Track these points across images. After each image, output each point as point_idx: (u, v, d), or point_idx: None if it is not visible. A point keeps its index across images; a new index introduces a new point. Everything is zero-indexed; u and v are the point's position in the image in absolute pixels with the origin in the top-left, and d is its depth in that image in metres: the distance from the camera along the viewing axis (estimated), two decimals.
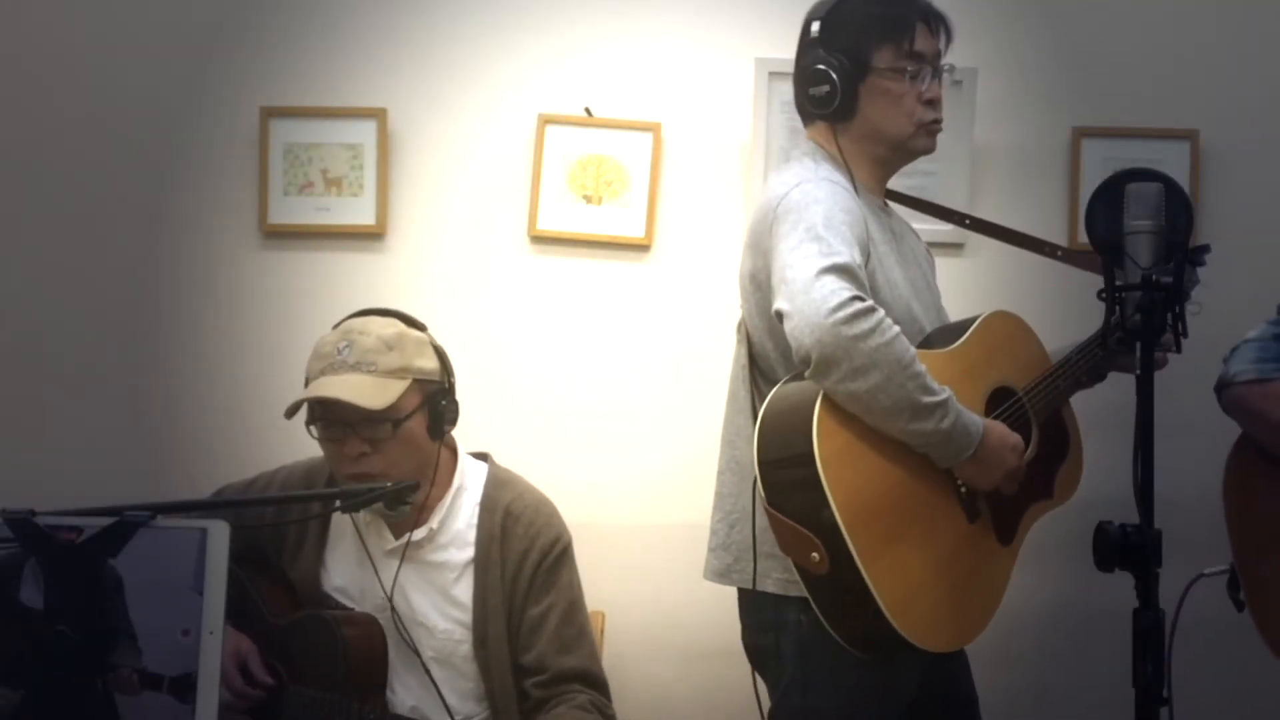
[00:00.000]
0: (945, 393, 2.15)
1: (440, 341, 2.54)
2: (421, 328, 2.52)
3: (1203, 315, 2.52)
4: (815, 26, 2.36)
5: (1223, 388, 2.53)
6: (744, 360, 2.38)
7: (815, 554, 2.11)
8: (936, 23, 2.39)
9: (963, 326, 2.39)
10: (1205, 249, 2.56)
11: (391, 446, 2.41)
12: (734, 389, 2.42)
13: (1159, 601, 1.96)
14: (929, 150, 2.42)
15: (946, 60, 2.41)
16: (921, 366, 2.12)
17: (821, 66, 2.33)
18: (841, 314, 2.07)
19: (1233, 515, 2.51)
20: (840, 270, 2.11)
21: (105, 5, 3.13)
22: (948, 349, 2.32)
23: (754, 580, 2.31)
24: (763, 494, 2.18)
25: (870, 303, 2.10)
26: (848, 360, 2.07)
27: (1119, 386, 2.49)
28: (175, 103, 3.11)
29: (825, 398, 2.13)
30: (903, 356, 2.10)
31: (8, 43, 3.13)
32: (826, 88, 2.33)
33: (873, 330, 2.08)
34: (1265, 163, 3.07)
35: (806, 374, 2.13)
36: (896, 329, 2.11)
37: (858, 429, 2.15)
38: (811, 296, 2.09)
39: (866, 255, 2.24)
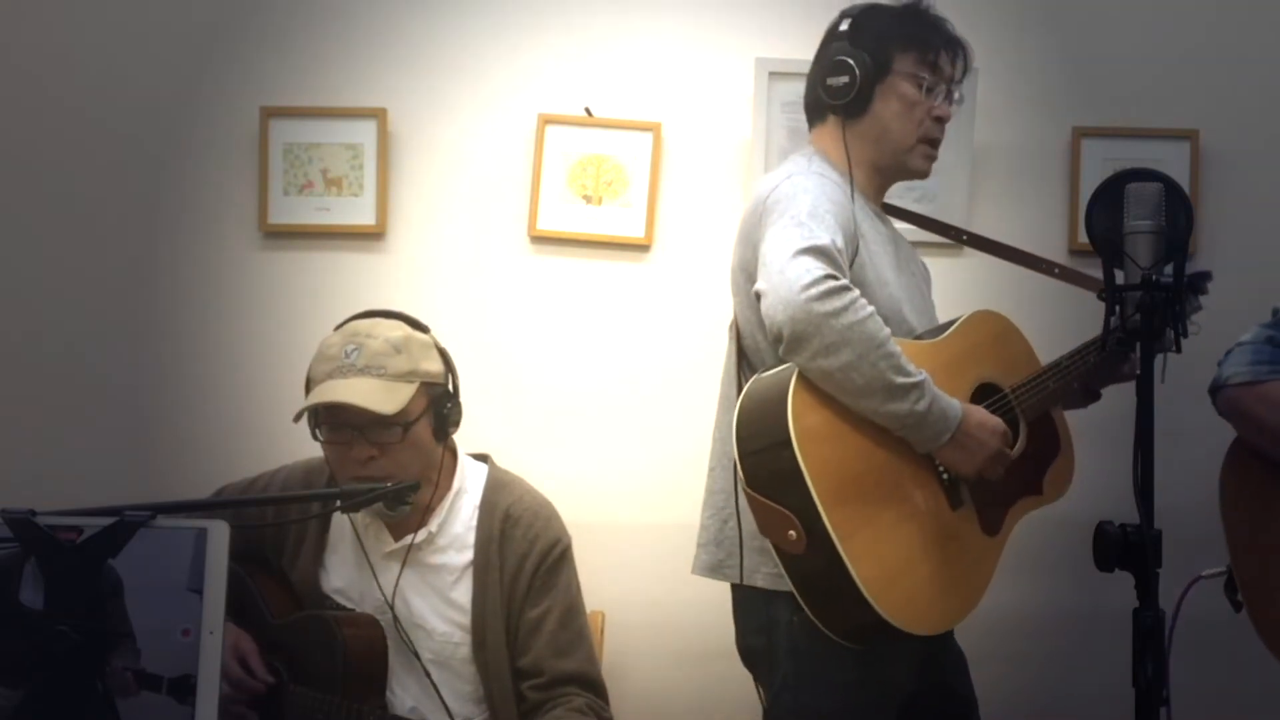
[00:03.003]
0: (921, 375, 2.15)
1: (440, 342, 2.54)
2: (425, 329, 2.52)
3: (1202, 315, 2.53)
4: (845, 24, 2.41)
5: (1216, 390, 2.53)
6: (734, 356, 2.39)
7: (792, 531, 2.11)
8: (957, 51, 2.44)
9: (948, 324, 2.40)
10: (1207, 276, 2.56)
11: (399, 450, 2.41)
12: (725, 388, 2.42)
13: (1159, 602, 1.96)
14: (923, 173, 2.46)
15: (959, 90, 2.45)
16: (896, 347, 2.13)
17: (843, 58, 2.37)
18: (814, 290, 2.08)
19: (1229, 517, 2.51)
20: (817, 251, 2.13)
21: (105, 5, 3.14)
22: (930, 341, 2.33)
23: (741, 574, 2.32)
24: (742, 477, 2.18)
25: (845, 282, 2.12)
26: (819, 336, 2.09)
27: (1118, 388, 2.49)
28: (175, 103, 3.12)
29: (800, 377, 2.15)
30: (875, 335, 2.11)
31: (7, 43, 3.13)
32: (845, 78, 2.36)
33: (845, 308, 2.09)
34: (1265, 163, 3.07)
35: (780, 351, 2.15)
36: (870, 309, 2.12)
37: (835, 409, 2.16)
38: (786, 275, 2.11)
39: (854, 249, 2.25)
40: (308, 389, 2.46)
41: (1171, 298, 2.00)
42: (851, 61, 2.35)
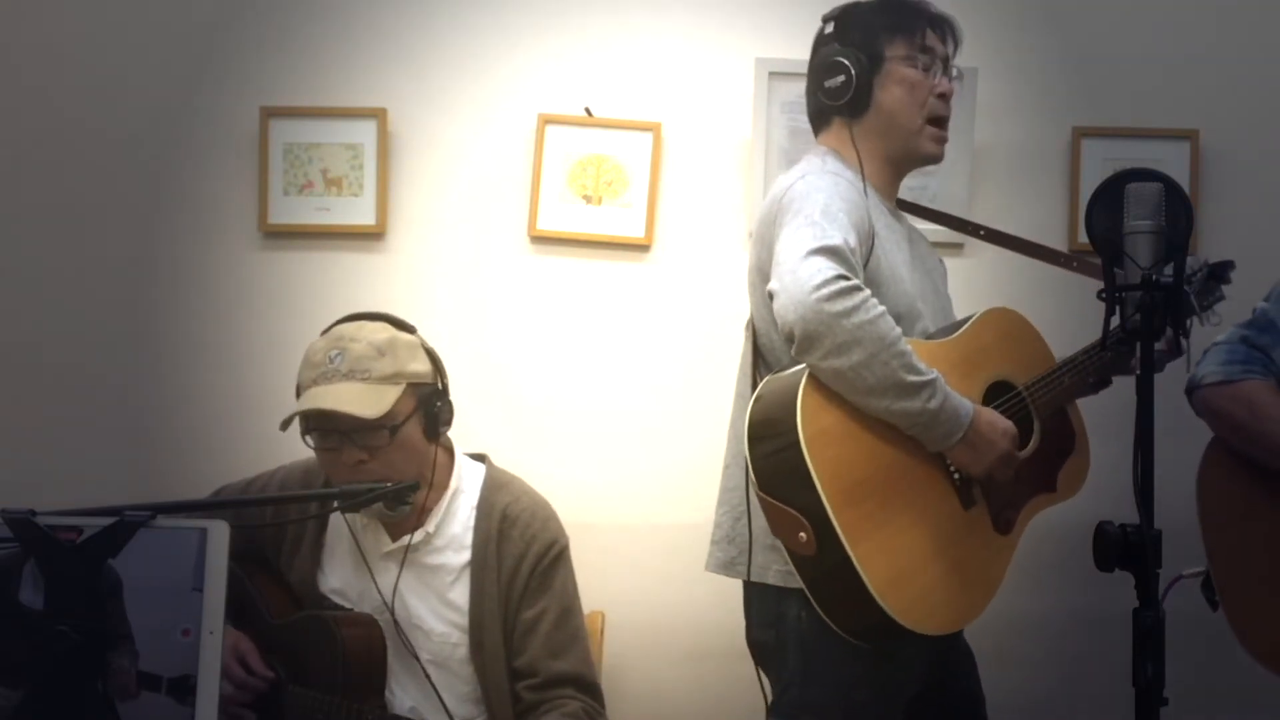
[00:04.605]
0: (932, 373, 2.15)
1: (439, 342, 2.54)
2: (411, 330, 2.51)
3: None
4: (829, 26, 2.43)
5: (1191, 390, 2.56)
6: (749, 354, 2.39)
7: (803, 534, 2.11)
8: (944, 27, 2.45)
9: (960, 322, 2.39)
10: (1230, 265, 2.56)
11: (389, 452, 2.41)
12: (740, 386, 2.42)
13: (1159, 601, 1.96)
14: (936, 157, 2.45)
15: (956, 67, 2.45)
16: (906, 346, 2.14)
17: (836, 58, 2.38)
18: (825, 291, 2.09)
19: (1206, 516, 2.53)
20: (829, 251, 2.13)
21: (105, 5, 3.14)
22: (942, 340, 2.33)
23: (749, 571, 2.32)
24: (754, 479, 2.19)
25: (856, 282, 2.12)
26: (830, 336, 2.09)
27: (1118, 388, 2.49)
28: (175, 103, 3.12)
29: (810, 379, 2.15)
30: (886, 334, 2.11)
31: (7, 43, 3.14)
32: (842, 78, 2.37)
33: (856, 308, 2.09)
34: (1265, 163, 3.08)
35: (792, 351, 2.15)
36: (881, 309, 2.12)
37: (845, 410, 2.16)
38: (798, 275, 2.11)
39: (869, 246, 2.26)
40: (298, 396, 2.46)
41: (1171, 298, 2.00)
42: (845, 60, 2.37)
